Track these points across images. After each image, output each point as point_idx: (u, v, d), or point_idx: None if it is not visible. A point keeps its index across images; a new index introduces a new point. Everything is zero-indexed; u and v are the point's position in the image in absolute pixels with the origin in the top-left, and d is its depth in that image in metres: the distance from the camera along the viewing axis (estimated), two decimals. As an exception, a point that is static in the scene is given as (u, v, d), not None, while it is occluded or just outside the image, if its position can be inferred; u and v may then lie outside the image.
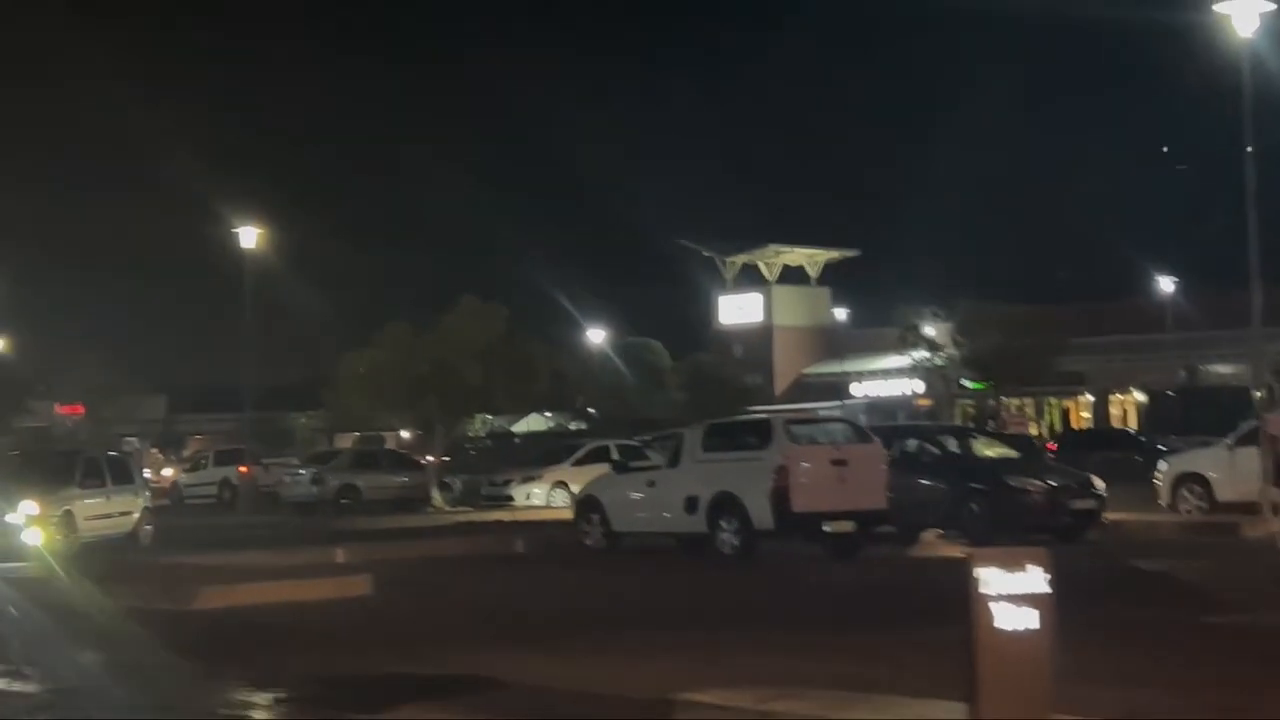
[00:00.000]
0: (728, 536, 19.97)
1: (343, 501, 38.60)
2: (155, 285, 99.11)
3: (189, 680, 11.25)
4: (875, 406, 66.37)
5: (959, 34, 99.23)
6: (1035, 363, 50.24)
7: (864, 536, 20.20)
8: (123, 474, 26.59)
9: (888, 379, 76.41)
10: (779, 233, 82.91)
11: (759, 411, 66.05)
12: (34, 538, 22.75)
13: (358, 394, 36.72)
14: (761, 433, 20.46)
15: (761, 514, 19.58)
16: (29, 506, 23.33)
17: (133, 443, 64.16)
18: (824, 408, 72.77)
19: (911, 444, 23.30)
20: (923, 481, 22.04)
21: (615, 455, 37.12)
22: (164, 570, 18.87)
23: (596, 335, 63.42)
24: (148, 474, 47.51)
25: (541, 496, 35.58)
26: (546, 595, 17.08)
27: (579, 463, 36.47)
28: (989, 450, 24.16)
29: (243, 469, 47.78)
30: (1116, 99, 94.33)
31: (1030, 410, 65.50)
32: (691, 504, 20.45)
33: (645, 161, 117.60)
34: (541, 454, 38.84)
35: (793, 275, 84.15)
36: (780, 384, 77.99)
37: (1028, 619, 7.04)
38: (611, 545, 22.12)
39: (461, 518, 33.18)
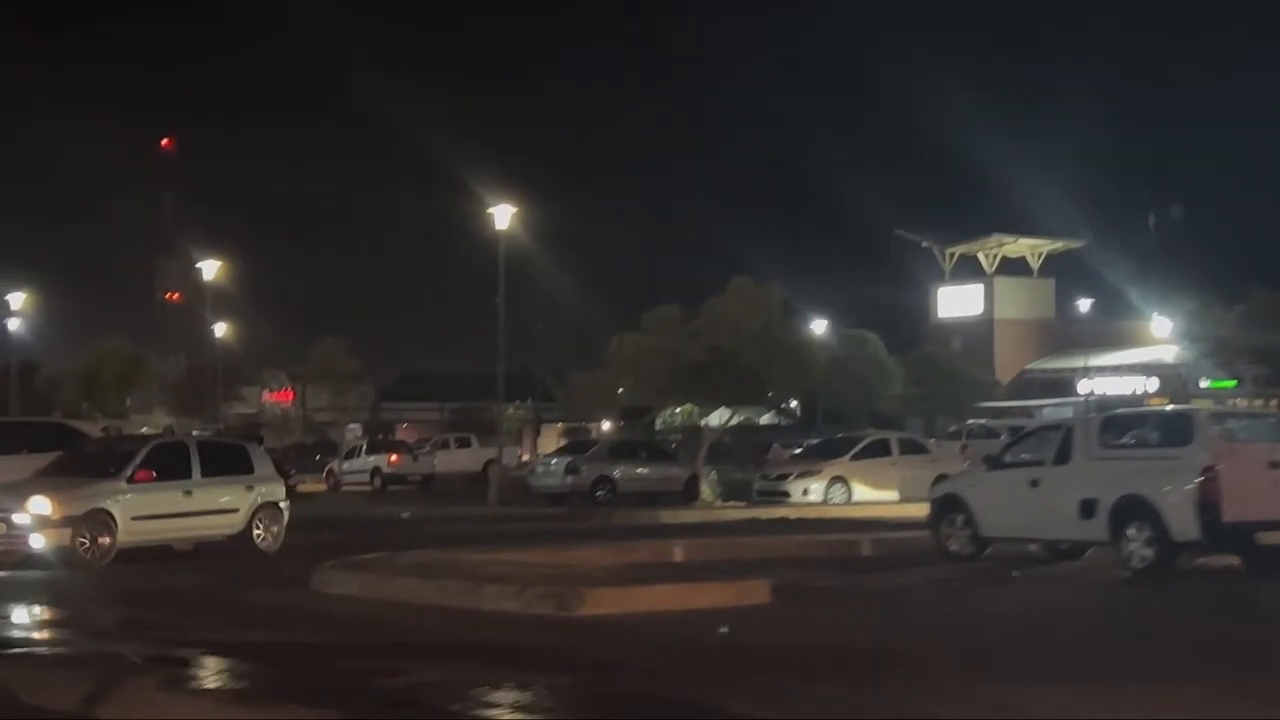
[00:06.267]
0: (1137, 547, 17.50)
1: (598, 494, 36.94)
2: (386, 272, 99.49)
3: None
4: (1104, 406, 63.04)
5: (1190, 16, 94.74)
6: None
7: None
8: (231, 465, 21.71)
9: (1118, 375, 72.95)
10: (984, 222, 79.63)
11: (989, 407, 63.28)
12: (39, 542, 19.08)
13: (627, 379, 34.78)
14: (1178, 427, 17.95)
15: (1183, 523, 17.09)
16: (39, 504, 19.23)
17: (354, 430, 63.62)
18: (1049, 405, 69.69)
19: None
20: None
21: (897, 449, 35.07)
22: (518, 569, 16.97)
23: (818, 326, 60.82)
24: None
25: (819, 492, 33.52)
26: (976, 611, 14.99)
27: (857, 457, 34.43)
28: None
29: (393, 458, 53.14)
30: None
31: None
32: (1088, 508, 18.01)
33: (859, 152, 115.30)
34: (822, 447, 36.69)
35: (1011, 266, 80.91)
36: (1001, 379, 74.88)
37: None
38: (979, 551, 19.80)
39: (743, 514, 31.19)
